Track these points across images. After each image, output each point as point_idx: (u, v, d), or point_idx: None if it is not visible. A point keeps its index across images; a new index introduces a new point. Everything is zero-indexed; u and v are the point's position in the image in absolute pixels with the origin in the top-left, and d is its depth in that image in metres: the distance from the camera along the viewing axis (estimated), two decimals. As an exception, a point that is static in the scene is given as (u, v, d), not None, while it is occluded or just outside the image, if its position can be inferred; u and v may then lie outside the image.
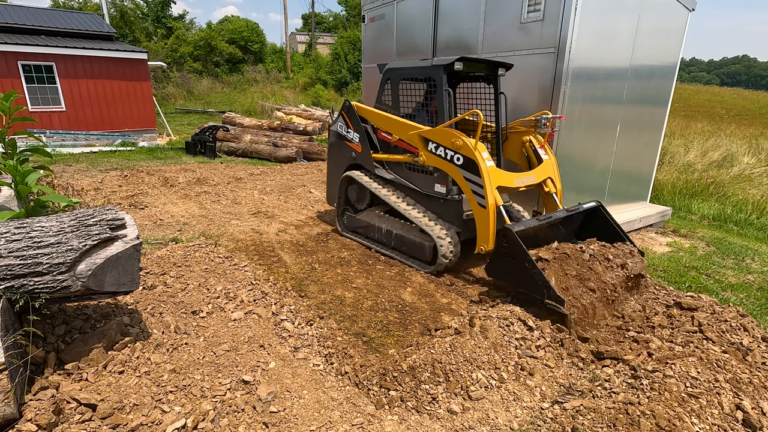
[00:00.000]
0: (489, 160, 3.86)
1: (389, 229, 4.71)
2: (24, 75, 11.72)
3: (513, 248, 3.43)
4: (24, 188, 3.12)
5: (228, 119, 13.38)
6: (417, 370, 2.69)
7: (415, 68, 4.54)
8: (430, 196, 4.42)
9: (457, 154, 3.94)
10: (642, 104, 5.78)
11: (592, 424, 2.33)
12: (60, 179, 7.50)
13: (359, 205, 5.23)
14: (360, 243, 5.09)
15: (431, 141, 4.15)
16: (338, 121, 5.27)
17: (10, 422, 2.11)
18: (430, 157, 4.19)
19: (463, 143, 3.88)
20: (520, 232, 3.47)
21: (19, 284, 2.33)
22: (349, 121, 5.10)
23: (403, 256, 4.61)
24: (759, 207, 7.48)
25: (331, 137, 5.49)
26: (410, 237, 4.48)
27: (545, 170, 4.32)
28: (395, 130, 4.59)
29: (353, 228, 5.26)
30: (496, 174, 3.87)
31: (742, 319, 3.29)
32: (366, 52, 8.42)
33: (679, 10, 5.72)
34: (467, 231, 4.27)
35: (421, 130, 4.27)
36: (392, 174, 4.78)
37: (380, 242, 4.88)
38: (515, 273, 3.46)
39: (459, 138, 3.91)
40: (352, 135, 5.09)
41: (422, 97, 4.81)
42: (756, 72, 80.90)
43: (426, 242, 4.29)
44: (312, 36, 39.17)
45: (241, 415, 2.35)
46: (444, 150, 4.05)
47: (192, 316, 3.32)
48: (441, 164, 4.12)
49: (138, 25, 30.83)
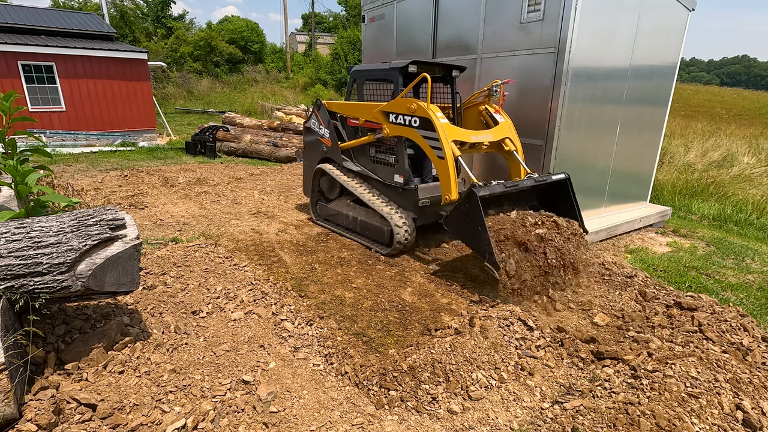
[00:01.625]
0: (443, 118, 4.19)
1: (355, 216, 5.15)
2: (24, 75, 11.72)
3: (472, 210, 3.67)
4: (24, 188, 3.12)
5: (228, 119, 13.37)
6: (417, 370, 2.69)
7: (376, 70, 5.05)
8: (390, 185, 4.84)
9: (414, 116, 4.32)
10: (642, 104, 5.78)
11: (592, 424, 2.33)
12: (60, 179, 7.50)
13: (330, 195, 5.68)
14: (330, 229, 5.50)
15: (391, 113, 4.54)
16: (311, 118, 5.72)
17: (10, 422, 2.11)
18: (392, 128, 4.57)
19: (418, 106, 4.25)
20: (483, 197, 3.69)
21: (19, 284, 2.33)
22: (320, 118, 5.56)
23: (366, 240, 5.03)
24: (759, 207, 7.48)
25: (305, 134, 5.96)
26: (372, 223, 4.90)
27: (502, 130, 4.65)
28: (362, 114, 5.00)
29: (325, 216, 5.69)
30: (451, 129, 4.19)
31: (742, 319, 3.29)
32: (366, 52, 8.42)
33: (679, 10, 5.72)
34: (423, 217, 4.73)
35: (383, 105, 4.66)
36: (359, 166, 5.23)
37: (348, 228, 5.31)
38: (468, 232, 3.76)
39: (413, 103, 4.29)
40: (323, 131, 5.55)
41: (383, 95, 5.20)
42: (756, 72, 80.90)
43: (384, 227, 4.71)
44: (312, 36, 39.18)
45: (241, 415, 2.35)
46: (403, 117, 4.43)
47: (192, 316, 3.32)
48: (402, 131, 4.48)
49: (138, 25, 30.81)
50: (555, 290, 3.81)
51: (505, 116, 4.81)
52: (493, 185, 3.87)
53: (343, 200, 5.49)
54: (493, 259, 3.54)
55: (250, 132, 11.95)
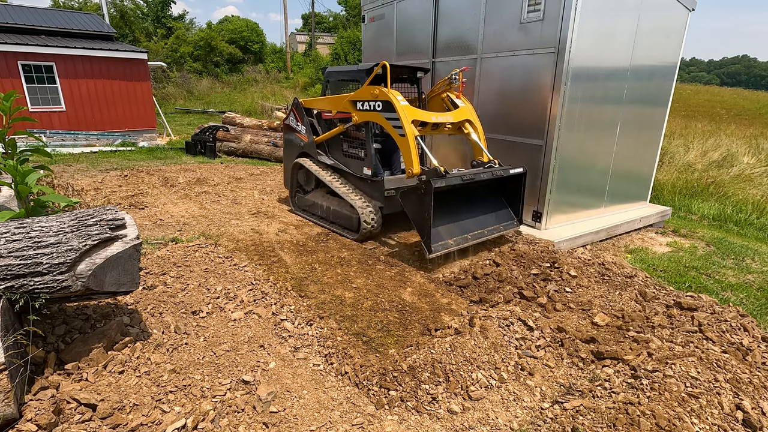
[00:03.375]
0: (403, 101, 4.59)
1: (328, 206, 5.54)
2: (24, 75, 11.71)
3: (425, 198, 4.05)
4: (24, 188, 3.12)
5: (228, 119, 13.37)
6: (417, 370, 2.69)
7: (347, 71, 5.57)
8: (360, 177, 5.26)
9: (377, 101, 4.70)
10: (642, 104, 5.78)
11: (592, 424, 2.33)
12: (60, 179, 7.50)
13: (307, 187, 6.08)
14: (307, 219, 5.91)
15: (358, 101, 4.96)
16: (290, 116, 6.18)
17: (10, 422, 2.11)
18: (360, 114, 4.98)
19: (380, 91, 4.64)
20: (438, 188, 4.04)
21: (19, 284, 2.33)
22: (298, 116, 6.01)
23: (338, 227, 5.41)
24: (759, 207, 7.48)
25: (284, 130, 6.39)
26: (343, 211, 5.29)
27: (462, 113, 5.04)
28: (333, 106, 5.46)
29: (303, 206, 6.10)
30: (411, 110, 4.57)
31: (742, 319, 3.29)
32: (366, 52, 8.42)
33: (679, 10, 5.72)
34: (389, 206, 5.10)
35: (351, 95, 5.07)
36: (332, 160, 5.67)
37: (322, 217, 5.70)
38: (417, 213, 4.21)
39: (376, 89, 4.67)
40: (300, 127, 5.99)
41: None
42: (756, 72, 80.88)
43: (353, 215, 5.10)
44: (312, 36, 39.17)
45: (241, 415, 2.35)
46: (368, 103, 4.83)
47: (192, 316, 3.32)
48: (369, 116, 4.88)
49: (138, 25, 30.81)
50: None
51: (466, 101, 5.20)
52: (451, 176, 4.20)
53: (319, 192, 5.90)
54: (429, 242, 4.13)
55: (250, 132, 11.94)
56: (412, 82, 5.69)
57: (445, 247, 4.30)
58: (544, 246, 4.65)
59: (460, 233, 4.53)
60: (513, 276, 4.03)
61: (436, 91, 5.48)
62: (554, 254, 4.34)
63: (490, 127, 5.87)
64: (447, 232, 4.44)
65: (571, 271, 4.05)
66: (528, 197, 5.39)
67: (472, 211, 4.79)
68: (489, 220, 4.86)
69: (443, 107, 5.36)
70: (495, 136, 5.81)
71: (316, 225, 5.67)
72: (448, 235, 4.43)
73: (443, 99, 5.37)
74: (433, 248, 4.16)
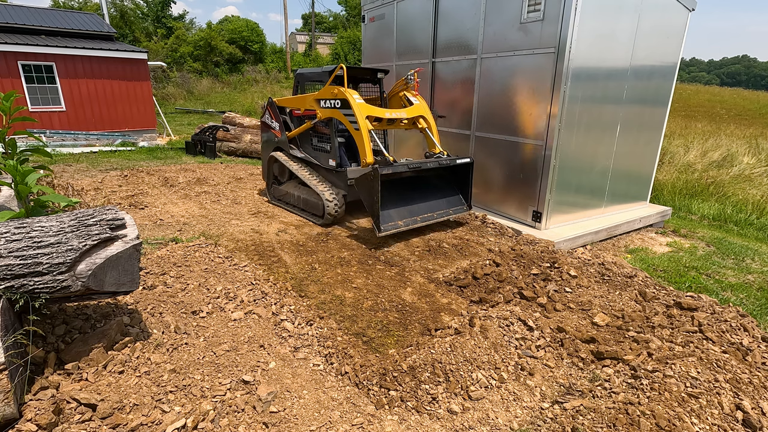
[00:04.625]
0: (359, 99, 5.05)
1: (299, 195, 6.03)
2: (24, 75, 11.71)
3: (374, 183, 4.54)
4: (24, 188, 3.12)
5: (228, 119, 13.36)
6: (417, 370, 2.69)
7: (313, 73, 6.09)
8: (327, 168, 5.77)
9: (336, 99, 5.21)
10: (642, 104, 5.78)
11: (592, 424, 2.33)
12: (60, 179, 7.50)
13: (281, 178, 6.56)
14: (282, 207, 6.42)
15: (321, 99, 5.45)
16: (265, 114, 6.71)
17: (10, 422, 2.11)
18: (323, 111, 5.48)
19: (339, 91, 5.14)
20: (385, 175, 4.61)
21: (19, 284, 2.33)
22: (272, 114, 6.51)
23: (307, 214, 5.92)
24: (759, 207, 7.48)
25: (261, 128, 6.87)
26: (311, 199, 5.78)
27: (416, 110, 5.53)
28: (302, 104, 5.99)
29: (278, 196, 6.58)
30: (366, 107, 5.01)
31: (742, 319, 3.29)
32: (366, 52, 8.42)
33: (679, 10, 5.72)
34: (352, 194, 5.49)
35: (315, 94, 5.58)
36: (303, 153, 6.18)
37: (295, 206, 6.20)
38: (368, 196, 4.70)
39: (336, 89, 5.18)
40: (274, 124, 6.49)
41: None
42: (756, 72, 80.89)
43: (319, 202, 5.57)
44: (312, 36, 39.17)
45: (241, 415, 2.35)
46: (329, 101, 5.33)
47: (192, 316, 3.32)
48: (330, 113, 5.38)
49: (138, 25, 30.82)
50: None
51: (420, 99, 5.71)
52: (398, 165, 4.74)
53: (292, 182, 6.39)
54: (378, 222, 4.68)
55: (250, 132, 11.94)
56: (374, 82, 6.29)
57: (395, 228, 4.86)
58: (544, 246, 4.65)
59: (409, 216, 5.11)
60: (513, 276, 4.03)
61: (395, 90, 5.98)
62: (554, 254, 4.34)
63: (490, 127, 5.87)
64: (398, 214, 5.04)
65: (571, 271, 4.05)
66: (528, 197, 5.43)
67: (424, 197, 5.37)
68: (440, 204, 5.44)
69: (401, 104, 5.88)
70: (495, 136, 5.81)
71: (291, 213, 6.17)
72: (399, 217, 5.02)
73: (401, 97, 5.87)
74: (382, 228, 4.72)
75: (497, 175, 5.89)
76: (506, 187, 5.78)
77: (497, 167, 5.86)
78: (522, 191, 5.54)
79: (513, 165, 5.60)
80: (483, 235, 5.32)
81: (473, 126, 6.12)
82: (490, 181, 6.01)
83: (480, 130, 6.03)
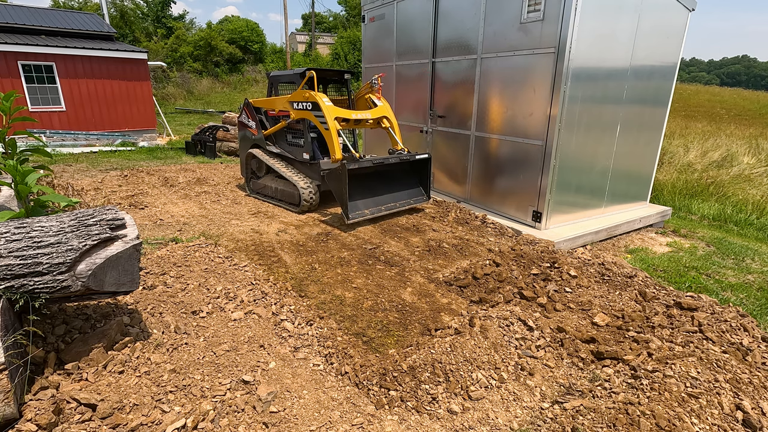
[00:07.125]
0: (328, 102, 5.55)
1: (276, 187, 6.49)
2: (24, 75, 11.72)
3: (342, 176, 5.04)
4: (24, 188, 3.12)
5: (228, 119, 13.36)
6: (417, 370, 2.69)
7: (285, 75, 6.62)
8: (301, 161, 6.29)
9: (307, 102, 5.75)
10: (642, 104, 5.78)
11: (592, 424, 2.33)
12: (60, 179, 7.50)
13: (259, 173, 6.99)
14: (261, 199, 6.82)
15: (294, 101, 5.97)
16: (242, 113, 7.14)
17: (10, 422, 2.11)
18: (296, 112, 6.00)
19: (309, 94, 5.68)
20: (351, 170, 5.08)
21: (19, 284, 2.33)
22: (249, 113, 6.99)
23: (284, 204, 6.37)
24: (759, 207, 7.48)
25: (239, 127, 7.33)
26: (288, 190, 6.25)
27: (380, 111, 6.10)
28: (276, 105, 6.50)
29: (256, 189, 7.00)
30: (334, 109, 5.53)
31: (742, 319, 3.29)
32: (366, 52, 8.41)
33: (679, 10, 5.72)
34: (325, 184, 5.78)
35: (288, 96, 6.12)
36: (279, 149, 6.67)
37: (272, 197, 6.63)
38: (337, 188, 5.19)
39: (307, 92, 5.72)
40: (251, 123, 6.97)
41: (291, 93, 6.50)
42: (756, 72, 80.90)
43: (295, 192, 6.07)
44: (312, 36, 39.17)
45: (241, 415, 2.35)
46: (301, 104, 5.86)
47: (192, 316, 3.32)
48: (302, 114, 5.92)
49: (138, 25, 30.82)
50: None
51: (384, 101, 6.28)
52: (364, 160, 5.26)
53: (269, 176, 6.82)
54: (347, 211, 5.19)
55: (250, 132, 11.92)
56: (341, 83, 6.83)
57: (361, 216, 5.42)
58: (544, 246, 4.65)
59: (374, 205, 5.67)
60: (513, 276, 4.03)
61: (361, 93, 6.55)
62: (554, 254, 4.34)
63: (490, 127, 5.87)
64: (364, 204, 5.59)
65: (571, 271, 4.04)
66: (528, 197, 5.44)
67: (388, 189, 5.94)
68: (402, 195, 6.02)
69: (367, 106, 6.42)
70: (495, 136, 5.81)
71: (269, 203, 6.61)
72: (365, 206, 5.58)
73: (366, 99, 6.40)
74: (351, 216, 5.25)
75: (497, 175, 5.89)
76: (506, 187, 5.78)
77: (497, 167, 5.86)
78: (522, 191, 5.55)
79: (513, 165, 5.60)
80: (483, 235, 5.32)
81: (473, 126, 6.12)
82: (491, 181, 6.02)
83: (480, 130, 6.03)
